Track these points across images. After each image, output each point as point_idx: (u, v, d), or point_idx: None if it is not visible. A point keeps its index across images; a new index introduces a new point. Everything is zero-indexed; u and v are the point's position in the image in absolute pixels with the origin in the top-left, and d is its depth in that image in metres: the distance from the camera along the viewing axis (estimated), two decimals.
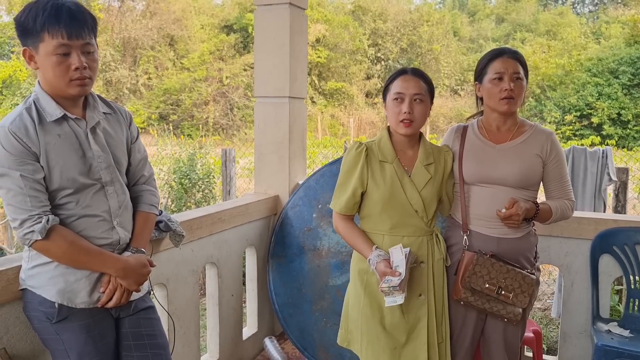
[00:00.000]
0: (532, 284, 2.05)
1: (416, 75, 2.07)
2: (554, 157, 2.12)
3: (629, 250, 2.78)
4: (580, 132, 18.94)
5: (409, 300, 2.05)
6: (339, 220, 2.16)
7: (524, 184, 2.08)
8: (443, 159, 2.16)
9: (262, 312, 3.46)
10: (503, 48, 2.16)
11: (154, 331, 1.86)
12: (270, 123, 3.48)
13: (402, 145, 2.12)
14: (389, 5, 25.92)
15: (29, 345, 1.81)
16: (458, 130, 2.25)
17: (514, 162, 2.08)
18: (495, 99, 2.08)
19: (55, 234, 1.60)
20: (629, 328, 2.66)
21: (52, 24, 1.54)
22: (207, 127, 21.49)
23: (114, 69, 22.55)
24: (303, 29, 3.54)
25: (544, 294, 5.08)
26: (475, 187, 2.14)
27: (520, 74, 2.08)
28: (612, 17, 26.28)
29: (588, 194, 4.44)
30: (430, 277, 2.09)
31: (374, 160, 2.08)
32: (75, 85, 1.62)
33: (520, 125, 2.16)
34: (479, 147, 2.16)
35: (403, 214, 2.05)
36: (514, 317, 2.06)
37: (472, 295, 2.06)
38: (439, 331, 2.11)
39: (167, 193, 6.36)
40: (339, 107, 22.69)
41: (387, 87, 2.10)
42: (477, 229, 2.13)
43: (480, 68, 2.16)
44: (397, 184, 2.05)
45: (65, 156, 1.63)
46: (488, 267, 2.03)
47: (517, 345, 2.19)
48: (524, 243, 2.13)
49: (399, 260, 1.94)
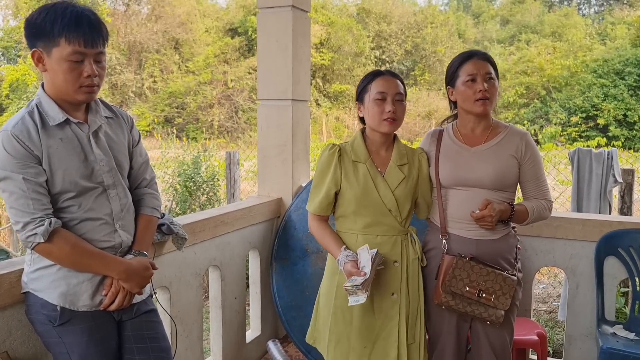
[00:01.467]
0: (513, 285, 2.04)
1: (394, 76, 2.10)
2: (529, 157, 2.11)
3: (635, 252, 2.76)
4: (586, 133, 18.86)
5: (382, 299, 2.06)
6: (312, 221, 2.19)
7: (500, 186, 2.08)
8: (417, 160, 2.18)
9: (266, 315, 3.45)
10: (472, 50, 2.18)
11: (157, 334, 1.86)
12: (274, 126, 3.49)
13: (376, 146, 2.14)
14: (393, 8, 25.92)
15: (31, 349, 1.81)
16: (434, 135, 2.26)
17: (489, 164, 2.08)
18: (470, 101, 2.08)
19: (58, 236, 1.60)
20: (634, 331, 2.63)
21: (71, 30, 1.56)
22: (212, 130, 21.55)
23: (119, 73, 22.67)
24: (306, 32, 3.54)
25: (549, 297, 5.05)
26: (452, 190, 2.14)
27: (492, 74, 2.09)
28: (618, 18, 26.18)
29: (593, 195, 4.41)
30: (404, 277, 2.10)
31: (347, 160, 2.10)
32: (84, 92, 1.64)
33: (494, 127, 2.16)
34: (454, 150, 2.16)
35: (376, 213, 2.07)
36: (496, 320, 2.05)
37: (453, 299, 2.06)
38: (412, 332, 2.11)
39: (171, 196, 6.37)
40: (343, 109, 22.70)
41: (364, 88, 2.11)
42: (456, 231, 2.13)
43: (451, 72, 2.17)
44: (370, 183, 2.07)
45: (67, 160, 1.63)
46: (468, 270, 2.02)
47: (508, 349, 2.16)
48: (502, 244, 2.12)
49: (366, 260, 1.96)
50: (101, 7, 21.47)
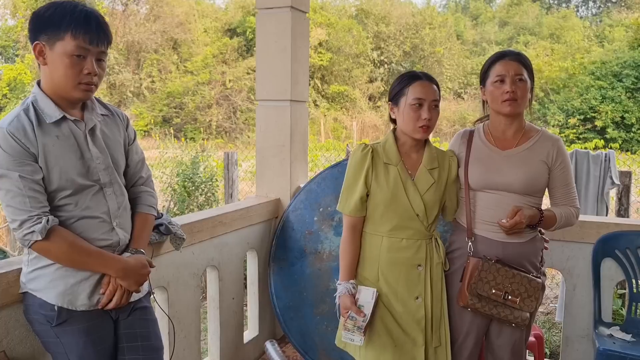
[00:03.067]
0: (539, 288, 2.04)
1: (431, 81, 2.07)
2: (559, 163, 2.10)
3: (631, 254, 2.77)
4: (584, 135, 18.87)
5: (406, 303, 2.06)
6: (348, 228, 2.13)
7: (529, 191, 2.07)
8: (447, 164, 2.16)
9: (263, 316, 3.45)
10: (505, 51, 2.15)
11: (149, 333, 1.85)
12: (272, 126, 3.49)
13: (408, 148, 2.12)
14: (392, 9, 25.93)
15: (29, 349, 1.81)
16: (464, 136, 2.24)
17: (520, 168, 2.07)
18: (498, 102, 2.08)
19: (55, 234, 1.60)
20: (631, 332, 2.65)
21: (79, 26, 1.58)
22: (210, 130, 21.53)
23: (117, 72, 22.64)
24: (305, 33, 3.55)
25: (546, 298, 5.06)
26: (481, 193, 2.13)
27: (523, 75, 2.06)
28: (616, 21, 26.22)
29: (591, 197, 4.43)
30: (428, 281, 2.09)
31: (379, 162, 2.08)
32: (82, 89, 1.64)
33: (526, 131, 2.15)
34: (485, 153, 2.15)
35: (403, 218, 2.05)
36: (522, 322, 2.06)
37: (479, 302, 2.05)
38: (437, 335, 2.11)
39: (169, 196, 6.37)
40: (341, 110, 22.70)
41: (400, 90, 2.06)
42: (483, 233, 2.12)
43: (483, 72, 2.16)
44: (400, 187, 2.05)
45: (64, 157, 1.63)
46: (494, 272, 2.02)
47: (523, 349, 2.20)
48: (529, 247, 2.12)
49: (366, 301, 1.99)
50: (99, 6, 21.43)
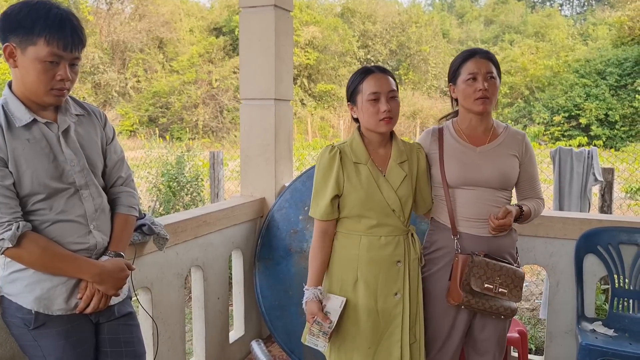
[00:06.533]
0: (522, 277, 2.10)
1: (384, 72, 2.05)
2: (528, 157, 2.18)
3: (613, 250, 2.80)
4: (569, 132, 19.10)
5: (385, 299, 2.06)
6: (318, 232, 2.10)
7: (505, 185, 2.12)
8: (416, 156, 2.15)
9: (249, 315, 3.44)
10: (475, 49, 2.17)
11: (132, 338, 1.83)
12: (256, 125, 3.47)
13: (374, 145, 2.10)
14: (378, 7, 26.02)
15: (9, 352, 1.78)
16: (434, 134, 2.24)
17: (495, 164, 2.11)
18: (470, 100, 2.09)
19: (27, 240, 1.56)
20: (613, 327, 2.67)
21: (53, 32, 1.53)
22: (197, 130, 21.44)
23: (102, 72, 22.43)
24: (288, 31, 3.53)
25: (531, 294, 5.10)
26: (460, 190, 2.14)
27: (493, 73, 2.09)
28: (599, 19, 26.55)
29: (574, 194, 4.46)
30: (407, 277, 2.09)
31: (347, 162, 2.05)
32: (54, 95, 1.60)
33: (495, 127, 2.19)
34: (459, 150, 2.16)
35: (381, 215, 2.04)
36: (511, 313, 2.11)
37: (473, 297, 2.07)
38: (413, 331, 2.11)
39: (155, 196, 6.31)
40: (328, 109, 22.72)
41: (355, 88, 2.05)
42: (467, 230, 2.13)
43: (453, 69, 2.17)
44: (373, 185, 2.03)
45: (35, 161, 1.59)
46: (484, 267, 2.05)
47: (506, 339, 2.26)
48: (507, 240, 2.17)
49: (333, 309, 2.01)
50: (83, 5, 21.22)
